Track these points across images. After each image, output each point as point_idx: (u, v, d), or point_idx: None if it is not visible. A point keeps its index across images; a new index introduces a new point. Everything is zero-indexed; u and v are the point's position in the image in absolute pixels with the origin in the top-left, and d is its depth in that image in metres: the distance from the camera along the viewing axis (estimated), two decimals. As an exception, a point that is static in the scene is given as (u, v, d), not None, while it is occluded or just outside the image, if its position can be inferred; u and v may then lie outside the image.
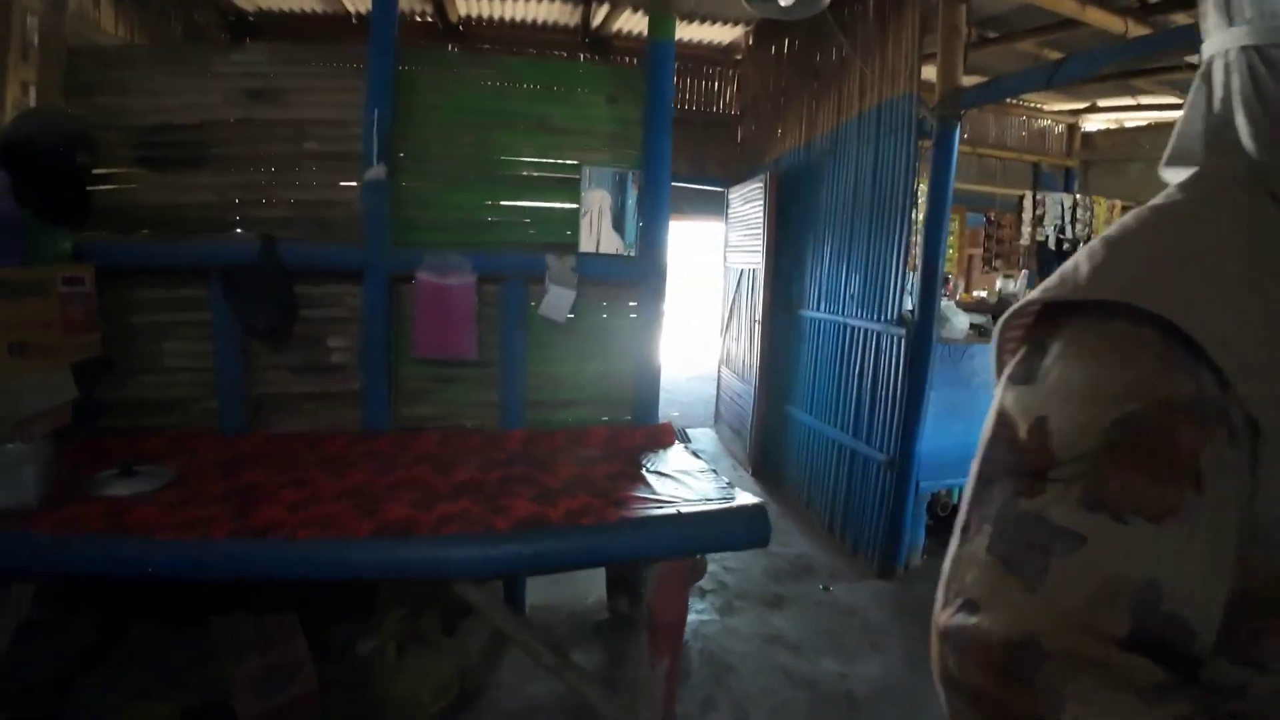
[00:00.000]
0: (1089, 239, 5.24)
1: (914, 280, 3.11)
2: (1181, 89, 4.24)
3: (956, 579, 0.47)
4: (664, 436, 2.38)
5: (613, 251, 2.37)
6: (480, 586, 1.73)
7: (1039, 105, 5.07)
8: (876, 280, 3.20)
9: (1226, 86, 0.53)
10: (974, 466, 0.52)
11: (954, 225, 5.22)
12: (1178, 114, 0.62)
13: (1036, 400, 0.46)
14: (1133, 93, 4.46)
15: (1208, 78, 0.56)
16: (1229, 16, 0.52)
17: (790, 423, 4.04)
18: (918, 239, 3.12)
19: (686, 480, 1.97)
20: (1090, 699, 0.39)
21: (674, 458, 2.21)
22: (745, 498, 1.84)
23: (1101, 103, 4.93)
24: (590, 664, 2.24)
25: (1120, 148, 5.58)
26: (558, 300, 2.29)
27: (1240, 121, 0.51)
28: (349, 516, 1.49)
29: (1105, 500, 0.42)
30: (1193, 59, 3.21)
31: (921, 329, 2.97)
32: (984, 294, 5.16)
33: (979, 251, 5.66)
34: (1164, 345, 0.43)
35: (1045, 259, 5.41)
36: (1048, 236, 5.11)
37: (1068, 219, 5.07)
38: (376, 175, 2.13)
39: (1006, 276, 5.19)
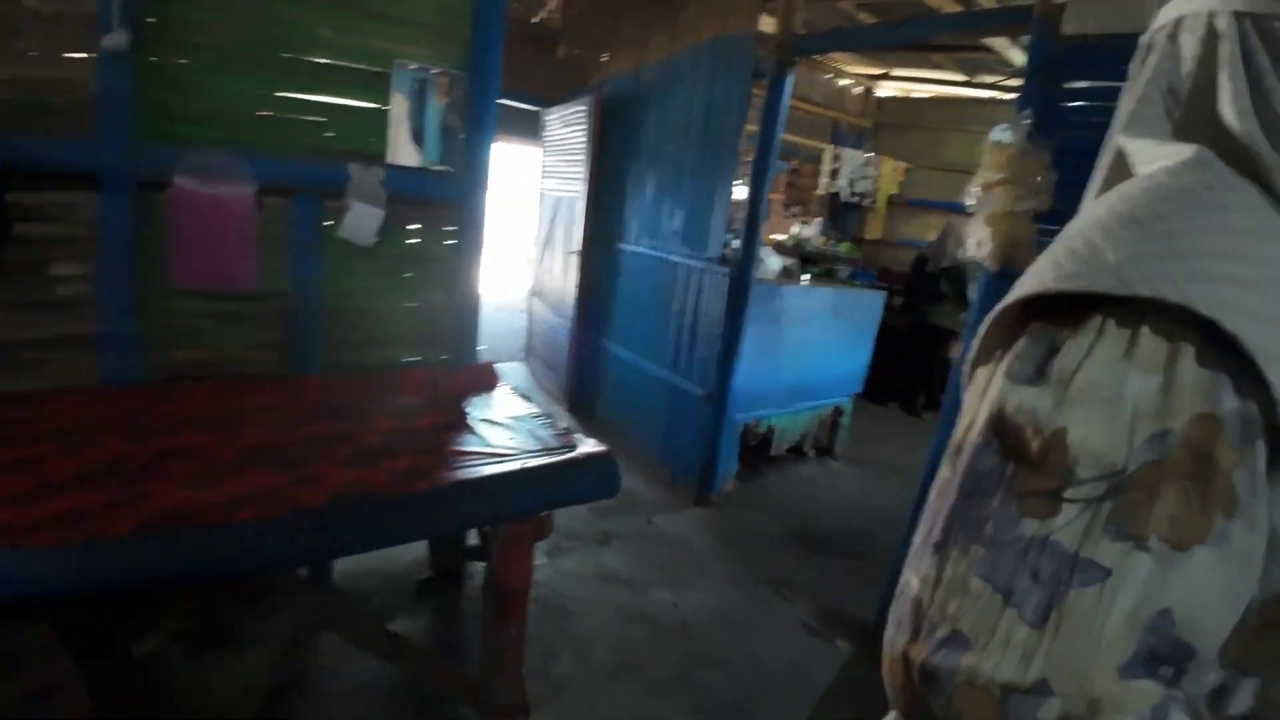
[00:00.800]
0: (874, 194, 5.80)
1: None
2: (967, 67, 4.76)
3: (937, 606, 0.42)
4: (487, 378, 2.18)
5: (414, 164, 2.05)
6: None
7: (842, 66, 5.39)
8: (701, 218, 3.20)
9: (1208, 51, 0.48)
10: (950, 472, 0.45)
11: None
12: (961, 90, 0.58)
13: (1052, 407, 0.40)
14: (930, 66, 4.88)
15: (1175, 39, 0.51)
16: None
17: (608, 358, 4.02)
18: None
19: (521, 428, 1.82)
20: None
21: (502, 402, 2.04)
22: (589, 444, 1.74)
23: (895, 71, 5.37)
24: (418, 631, 2.05)
25: (907, 114, 6.18)
26: (362, 220, 1.94)
27: (1224, 89, 0.47)
28: (100, 509, 1.10)
29: (1134, 527, 0.37)
30: (989, 41, 3.59)
31: (742, 268, 3.05)
32: (783, 238, 5.52)
33: (780, 197, 6.02)
34: (1207, 353, 0.38)
35: (836, 209, 5.92)
36: (840, 189, 5.56)
37: (859, 174, 5.55)
38: (116, 44, 1.57)
39: (804, 223, 5.60)
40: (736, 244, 3.13)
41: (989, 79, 4.91)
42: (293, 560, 1.23)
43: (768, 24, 3.09)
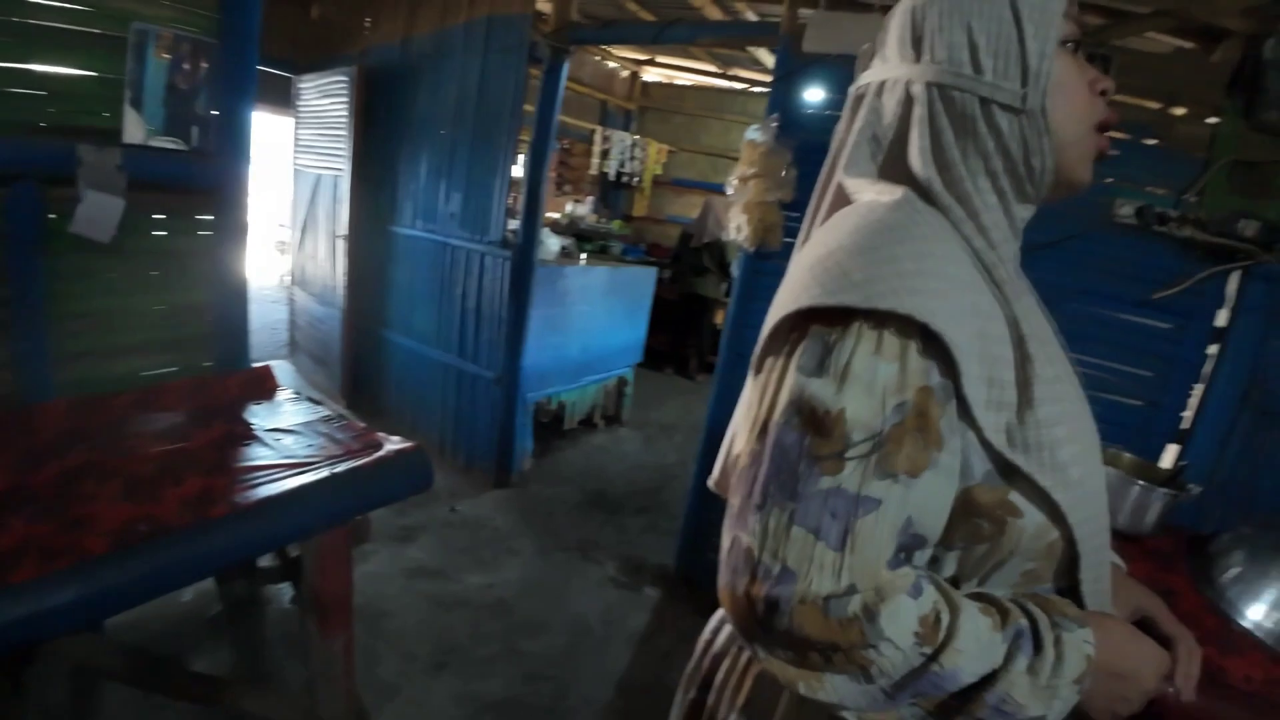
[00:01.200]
0: (641, 174, 6.16)
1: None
2: (721, 60, 5.22)
3: (768, 553, 0.55)
4: (265, 383, 2.01)
5: (158, 145, 1.79)
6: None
7: (610, 49, 5.58)
8: (481, 201, 3.19)
9: (905, 111, 0.65)
10: (760, 446, 0.59)
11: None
12: (717, 81, 0.74)
13: (834, 393, 0.56)
14: (689, 56, 5.26)
15: (880, 95, 0.67)
16: (917, 52, 0.64)
17: (388, 348, 3.83)
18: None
19: (316, 433, 1.73)
20: (886, 611, 0.53)
21: (287, 407, 1.91)
22: (395, 442, 1.72)
23: (660, 59, 5.70)
24: (226, 669, 1.86)
25: (670, 100, 6.63)
26: (98, 211, 1.64)
27: (914, 143, 0.64)
28: None
29: (890, 468, 0.55)
30: (754, 49, 3.98)
31: (524, 251, 3.12)
32: (556, 216, 5.65)
33: (553, 175, 6.12)
34: (922, 345, 0.56)
35: (607, 188, 6.19)
36: (610, 169, 5.82)
37: (627, 156, 5.85)
38: None
39: (576, 201, 5.78)
40: (514, 225, 3.18)
41: (743, 74, 5.48)
42: (85, 616, 1.06)
43: (544, 4, 3.12)
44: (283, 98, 4.29)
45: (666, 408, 4.92)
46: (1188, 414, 1.88)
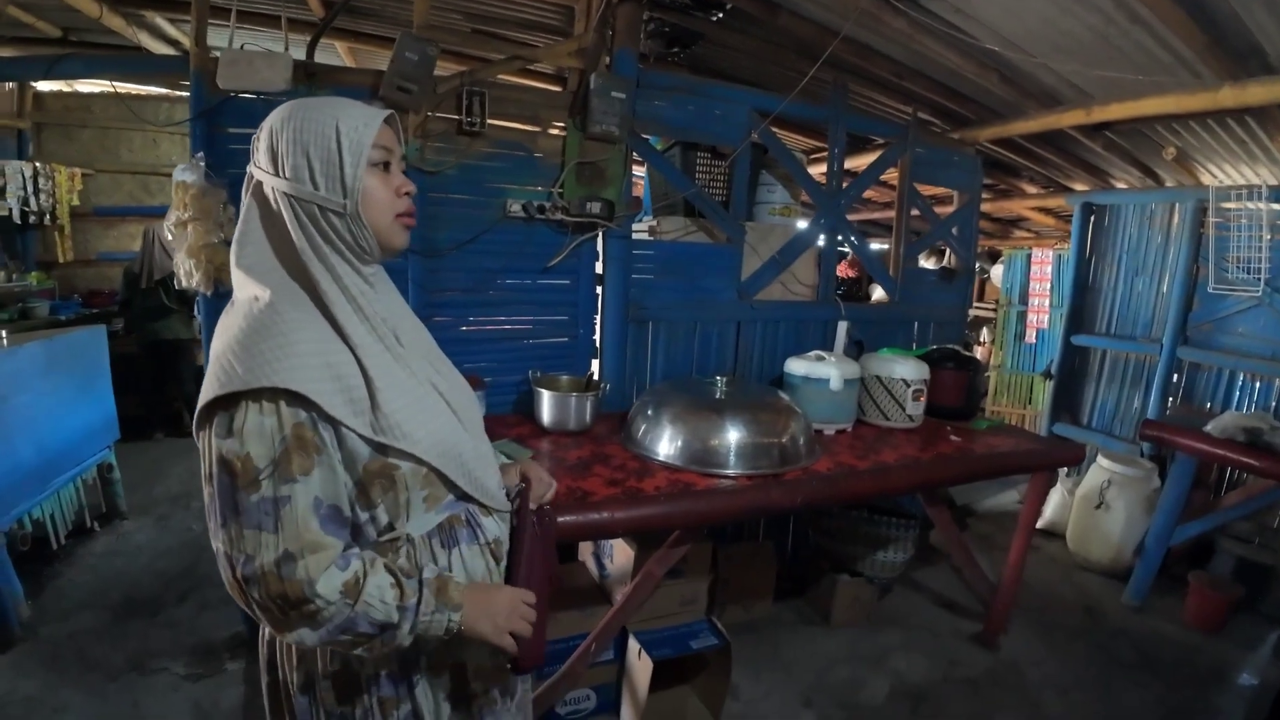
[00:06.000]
0: (55, 209, 4.83)
1: None
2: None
3: (236, 550, 0.83)
4: None
5: None
6: None
7: None
8: None
9: (277, 209, 0.91)
10: (211, 489, 0.85)
11: None
12: (129, 86, 0.86)
13: (239, 447, 0.83)
14: None
15: (263, 188, 0.93)
16: (275, 167, 0.91)
17: None
18: None
19: None
20: (322, 578, 0.85)
21: None
22: None
23: None
24: None
25: (73, 112, 5.28)
26: None
27: (292, 234, 0.90)
28: None
29: (289, 475, 0.85)
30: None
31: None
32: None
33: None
34: (289, 398, 0.85)
35: (10, 234, 4.74)
36: (12, 209, 4.47)
37: (29, 189, 4.56)
38: None
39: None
40: None
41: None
42: None
43: None
44: None
45: (171, 477, 4.26)
46: (596, 337, 2.72)
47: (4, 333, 3.19)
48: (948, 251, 3.73)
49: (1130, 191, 4.22)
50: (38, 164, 4.79)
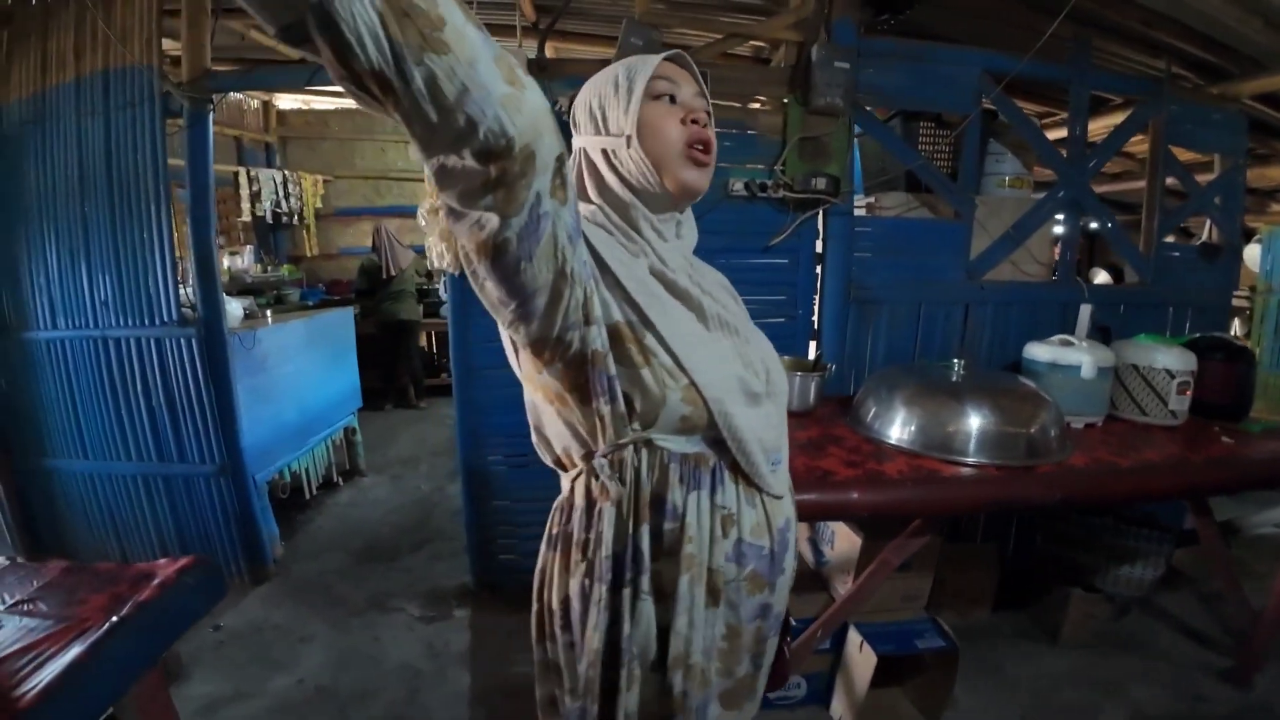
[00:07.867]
0: (302, 211, 5.69)
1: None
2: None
3: None
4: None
5: None
6: None
7: None
8: (139, 279, 2.76)
9: (584, 169, 0.96)
10: None
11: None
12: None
13: None
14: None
15: (577, 164, 0.96)
16: (580, 127, 0.96)
17: (59, 480, 3.08)
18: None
19: (55, 591, 1.51)
20: None
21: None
22: (164, 564, 1.58)
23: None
24: None
25: (312, 127, 6.14)
26: None
27: (588, 183, 0.95)
28: None
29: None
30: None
31: (210, 324, 2.82)
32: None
33: (193, 230, 5.31)
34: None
35: (264, 233, 5.60)
36: (265, 212, 5.29)
37: (281, 194, 5.36)
38: None
39: (233, 254, 5.12)
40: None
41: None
42: None
43: (174, 47, 2.76)
44: None
45: (401, 442, 4.81)
46: (815, 318, 2.64)
47: (269, 313, 3.76)
48: (1209, 226, 3.21)
49: None
50: (285, 172, 5.60)
